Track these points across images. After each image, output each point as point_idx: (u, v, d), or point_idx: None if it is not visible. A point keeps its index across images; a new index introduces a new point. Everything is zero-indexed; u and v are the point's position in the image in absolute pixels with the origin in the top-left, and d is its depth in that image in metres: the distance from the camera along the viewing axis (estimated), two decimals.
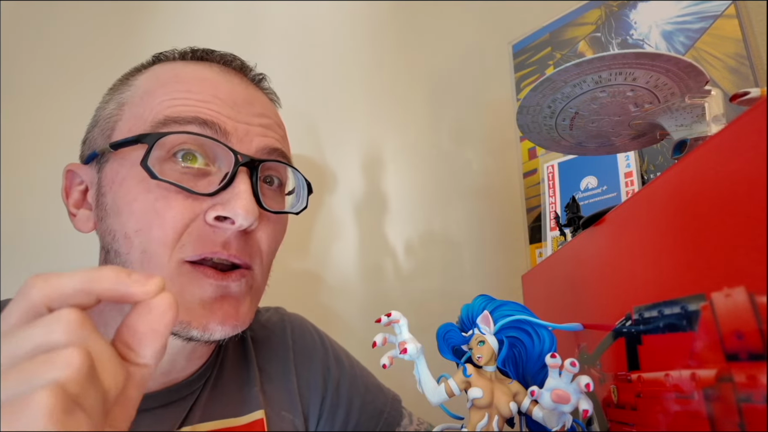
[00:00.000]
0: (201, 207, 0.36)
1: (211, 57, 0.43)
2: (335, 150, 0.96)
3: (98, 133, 0.40)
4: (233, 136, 0.38)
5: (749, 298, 0.19)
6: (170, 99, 0.37)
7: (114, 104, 0.40)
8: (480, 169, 1.06)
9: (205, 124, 0.36)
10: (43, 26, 0.80)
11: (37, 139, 0.75)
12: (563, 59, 0.90)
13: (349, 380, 0.54)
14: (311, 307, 0.85)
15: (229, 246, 0.36)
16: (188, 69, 0.41)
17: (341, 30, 1.02)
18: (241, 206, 0.35)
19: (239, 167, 0.36)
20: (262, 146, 0.39)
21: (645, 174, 0.72)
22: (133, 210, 0.36)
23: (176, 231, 0.35)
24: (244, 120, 0.39)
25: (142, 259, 0.35)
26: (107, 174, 0.38)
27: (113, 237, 0.37)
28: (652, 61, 0.32)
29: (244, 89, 0.41)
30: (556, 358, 0.28)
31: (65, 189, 0.42)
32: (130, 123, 0.38)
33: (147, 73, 0.41)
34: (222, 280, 0.36)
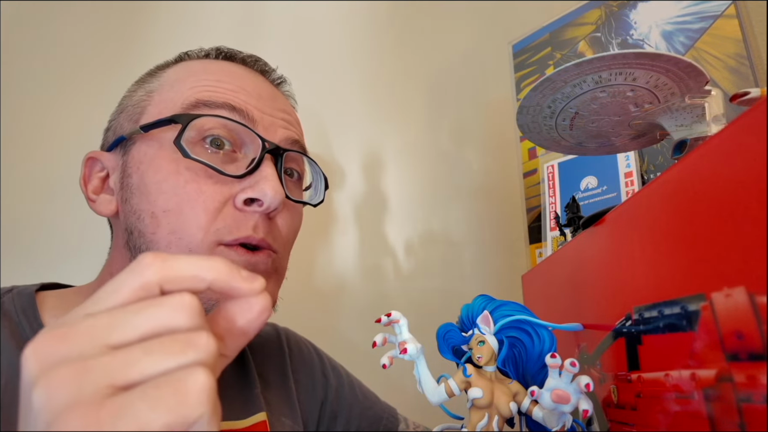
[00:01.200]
0: (230, 191, 0.37)
1: (236, 57, 0.44)
2: (335, 150, 0.96)
3: (125, 118, 0.41)
4: (260, 125, 0.39)
5: (749, 298, 0.19)
6: (201, 85, 0.39)
7: (142, 92, 0.41)
8: (480, 169, 1.06)
9: (234, 110, 0.38)
10: (43, 26, 0.79)
11: (37, 139, 0.75)
12: (563, 59, 0.90)
13: (348, 388, 0.54)
14: (311, 308, 0.85)
15: (258, 229, 0.37)
16: (215, 64, 0.42)
17: (341, 30, 1.02)
18: (270, 187, 0.36)
19: (266, 153, 0.38)
20: (285, 137, 0.41)
21: (645, 174, 0.72)
22: (163, 190, 0.36)
23: (209, 214, 0.36)
24: (269, 112, 0.40)
25: (169, 239, 0.36)
26: (134, 156, 0.38)
27: (138, 217, 0.37)
28: (652, 61, 0.32)
29: (268, 87, 0.43)
30: (556, 358, 0.28)
31: (84, 177, 0.42)
32: (160, 107, 0.39)
33: (175, 67, 0.43)
34: (251, 258, 0.37)
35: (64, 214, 0.72)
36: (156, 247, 0.36)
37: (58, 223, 0.72)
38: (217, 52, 0.44)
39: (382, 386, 0.60)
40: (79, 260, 0.71)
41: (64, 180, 0.72)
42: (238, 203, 0.37)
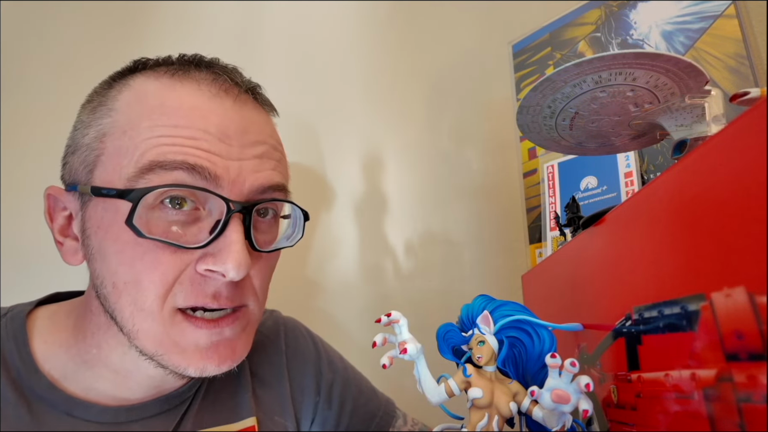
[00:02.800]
0: (191, 257, 0.35)
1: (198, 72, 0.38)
2: (335, 150, 0.96)
3: (79, 162, 0.37)
4: (224, 180, 0.35)
5: (749, 298, 0.19)
6: (156, 137, 0.34)
7: (94, 132, 0.37)
8: (480, 169, 1.06)
9: (193, 170, 0.34)
10: (43, 26, 0.79)
11: (37, 140, 0.75)
12: (563, 59, 0.90)
13: (342, 383, 0.54)
14: (311, 308, 0.85)
15: (220, 297, 0.35)
16: (175, 93, 0.36)
17: (341, 30, 1.02)
18: (232, 260, 0.33)
19: (231, 215, 0.34)
20: (256, 186, 0.37)
21: (645, 174, 0.72)
22: (121, 261, 0.34)
23: (167, 284, 0.34)
24: (236, 156, 0.36)
25: (131, 310, 0.35)
26: (91, 216, 0.36)
27: (101, 282, 0.36)
28: (652, 61, 0.32)
29: (237, 113, 0.37)
30: (556, 358, 0.28)
31: (48, 211, 0.39)
32: (114, 161, 0.35)
33: (128, 93, 0.37)
34: (215, 328, 0.36)
35: None
36: (121, 315, 0.35)
37: None
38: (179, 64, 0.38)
39: (382, 386, 0.60)
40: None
41: None
42: (199, 270, 0.35)
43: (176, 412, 0.41)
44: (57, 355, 0.38)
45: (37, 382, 0.37)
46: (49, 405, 0.36)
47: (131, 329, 0.35)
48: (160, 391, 0.41)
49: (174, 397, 0.42)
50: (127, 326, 0.35)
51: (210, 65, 0.39)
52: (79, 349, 0.39)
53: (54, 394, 0.37)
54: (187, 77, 0.38)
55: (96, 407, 0.38)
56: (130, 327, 0.35)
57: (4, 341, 0.38)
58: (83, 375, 0.38)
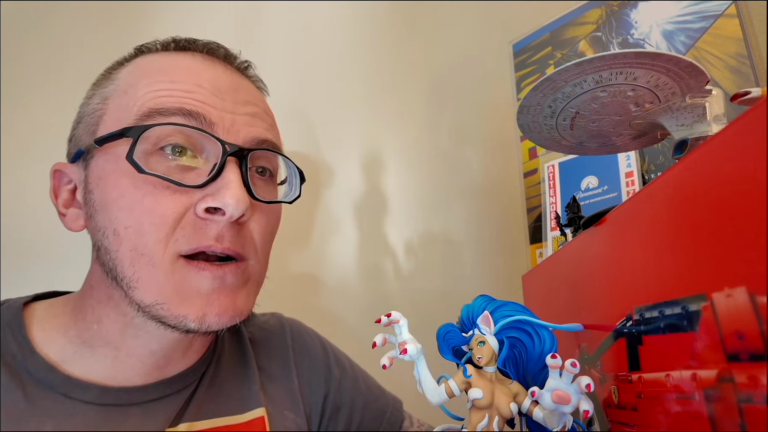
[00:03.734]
0: (191, 200, 0.35)
1: (194, 46, 0.41)
2: (335, 150, 0.96)
3: (83, 129, 0.39)
4: (219, 127, 0.37)
5: (750, 299, 0.19)
6: (153, 90, 0.36)
7: (98, 99, 0.39)
8: (480, 169, 1.06)
9: (190, 115, 0.36)
10: (43, 26, 0.79)
11: (37, 139, 0.75)
12: (564, 59, 0.90)
13: (351, 380, 0.54)
14: (310, 308, 0.85)
15: (222, 239, 0.36)
16: (171, 59, 0.40)
17: (341, 30, 1.02)
18: (230, 195, 0.34)
19: (227, 157, 0.36)
20: (250, 137, 0.38)
21: (646, 174, 0.72)
22: (122, 206, 0.35)
23: (168, 226, 0.35)
24: (229, 109, 0.38)
25: (132, 255, 0.35)
26: (93, 170, 0.37)
27: (102, 234, 0.36)
28: (652, 60, 0.32)
29: (229, 77, 0.40)
30: (557, 358, 0.28)
31: (53, 189, 0.41)
32: (115, 116, 0.37)
33: (129, 66, 0.40)
34: (217, 271, 0.36)
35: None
36: (121, 264, 0.35)
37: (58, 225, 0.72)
38: (175, 42, 0.42)
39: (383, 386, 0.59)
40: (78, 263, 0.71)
41: None
42: (199, 212, 0.35)
43: (179, 397, 0.40)
44: (55, 339, 0.38)
45: (34, 364, 0.36)
46: (46, 387, 0.36)
47: (131, 278, 0.35)
48: (162, 373, 0.40)
49: (176, 380, 0.41)
50: (128, 275, 0.35)
51: (205, 43, 0.42)
52: (78, 329, 0.38)
53: (51, 375, 0.36)
54: (183, 51, 0.41)
55: (95, 388, 0.37)
56: (130, 275, 0.35)
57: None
58: (82, 356, 0.38)
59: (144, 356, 0.39)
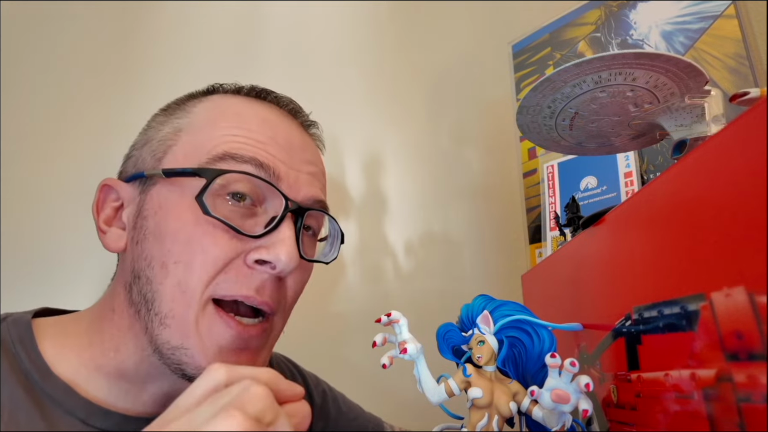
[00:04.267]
0: (244, 247, 0.36)
1: (270, 97, 0.43)
2: (335, 150, 0.96)
3: (147, 153, 0.39)
4: (284, 182, 0.38)
5: (749, 298, 0.19)
6: (231, 135, 0.38)
7: (170, 128, 0.40)
8: (480, 169, 1.06)
9: (261, 167, 0.37)
10: (43, 26, 0.79)
11: (37, 140, 0.75)
12: (563, 59, 0.90)
13: (332, 404, 0.55)
14: (310, 308, 0.85)
15: (263, 292, 0.36)
16: (249, 106, 0.41)
17: (341, 30, 1.02)
18: (285, 252, 0.35)
19: (288, 212, 0.37)
20: (309, 195, 0.40)
21: (645, 174, 0.72)
22: (179, 239, 0.35)
23: (216, 268, 0.35)
24: (295, 166, 0.39)
25: (173, 292, 0.35)
26: (153, 197, 0.37)
27: (149, 263, 0.36)
28: (651, 61, 0.32)
29: (299, 134, 0.42)
30: (556, 357, 0.28)
31: (97, 204, 0.40)
32: (186, 149, 0.38)
33: (207, 103, 0.41)
34: (243, 333, 0.36)
35: (62, 217, 0.72)
36: (160, 297, 0.35)
37: (58, 226, 0.72)
38: (251, 89, 0.43)
39: (382, 386, 0.60)
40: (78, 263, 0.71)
41: (63, 182, 0.72)
42: (248, 261, 0.36)
43: None
44: (68, 359, 0.37)
45: (52, 386, 0.35)
46: (65, 411, 0.35)
47: (167, 314, 0.35)
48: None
49: None
50: (164, 311, 0.35)
51: (280, 97, 0.44)
52: (93, 353, 0.37)
53: (70, 398, 0.35)
54: (261, 100, 0.43)
55: (116, 416, 0.36)
56: (166, 311, 0.35)
57: (9, 345, 0.36)
58: (96, 383, 0.37)
59: (157, 396, 0.38)
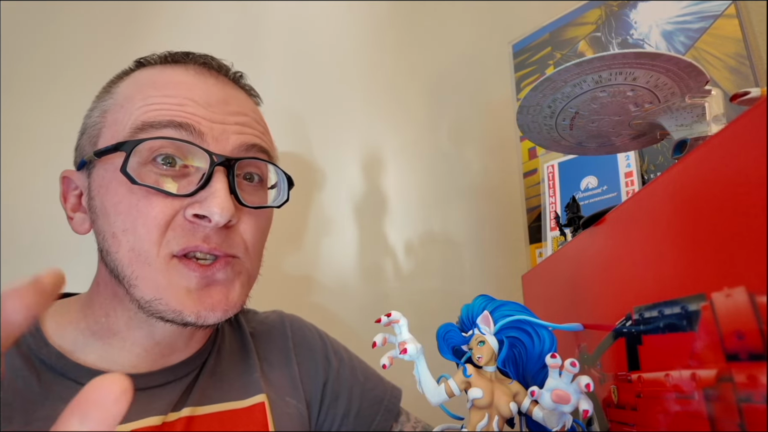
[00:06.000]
0: (181, 204, 0.38)
1: (188, 60, 0.44)
2: (335, 150, 0.96)
3: (86, 140, 0.43)
4: (208, 136, 0.39)
5: (749, 298, 0.19)
6: (147, 105, 0.39)
7: (98, 112, 0.42)
8: (480, 169, 1.06)
9: (180, 127, 0.38)
10: (43, 26, 0.79)
11: (37, 140, 0.75)
12: (563, 59, 0.90)
13: (349, 370, 0.56)
14: (311, 308, 0.85)
15: (210, 240, 0.38)
16: (165, 74, 0.42)
17: (341, 30, 1.02)
18: (216, 204, 0.37)
19: (215, 167, 0.38)
20: (238, 144, 0.41)
21: (645, 174, 0.72)
22: (119, 211, 0.38)
23: (160, 227, 0.37)
24: (219, 119, 0.41)
25: (130, 256, 0.38)
26: (95, 179, 0.40)
27: (104, 237, 0.39)
28: (652, 60, 0.32)
29: (221, 89, 0.43)
30: (557, 358, 0.28)
31: (62, 194, 0.44)
32: (112, 129, 0.40)
33: (127, 80, 0.43)
34: (206, 271, 0.38)
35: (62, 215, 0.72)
36: (121, 264, 0.38)
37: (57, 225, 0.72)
38: (170, 55, 0.44)
39: None
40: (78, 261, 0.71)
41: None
42: (188, 216, 0.38)
43: (181, 384, 0.43)
44: (67, 331, 0.41)
45: (48, 353, 0.39)
46: (59, 374, 0.38)
47: (130, 276, 0.38)
48: (166, 361, 0.43)
49: (178, 368, 0.43)
50: (127, 274, 0.38)
51: (198, 56, 0.45)
52: (88, 322, 0.41)
53: (63, 362, 0.39)
54: (176, 64, 0.44)
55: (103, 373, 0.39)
56: (129, 274, 0.38)
57: None
58: (92, 347, 0.41)
59: (148, 346, 0.41)
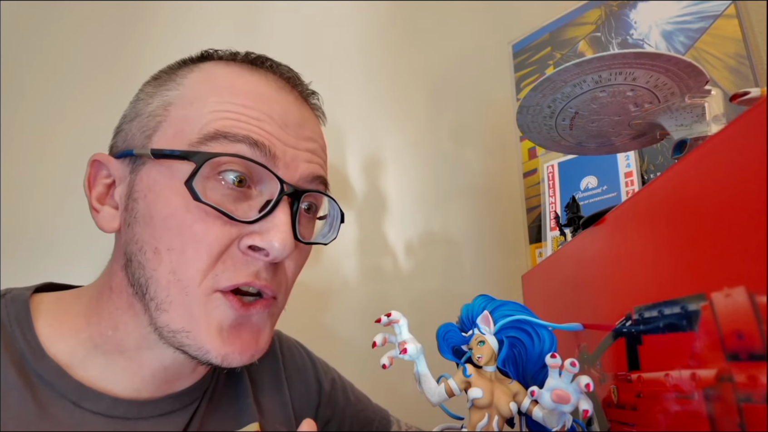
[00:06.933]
0: (238, 233, 0.35)
1: (270, 68, 0.41)
2: (335, 150, 0.96)
3: (137, 128, 0.37)
4: (281, 161, 0.36)
5: (749, 298, 0.19)
6: (223, 110, 0.35)
7: (159, 101, 0.38)
8: (480, 169, 1.06)
9: (256, 146, 0.35)
10: (43, 26, 0.79)
11: (37, 139, 0.75)
12: (563, 59, 0.90)
13: (340, 392, 0.54)
14: (310, 307, 0.85)
15: (260, 276, 0.35)
16: (244, 79, 0.38)
17: (341, 30, 1.02)
18: (278, 239, 0.34)
19: (283, 196, 0.35)
20: (307, 173, 0.38)
21: (645, 174, 0.72)
22: (169, 226, 0.34)
23: (212, 256, 0.34)
24: (293, 144, 0.38)
25: (168, 279, 0.34)
26: (143, 179, 0.36)
27: (140, 248, 0.35)
28: (652, 60, 0.32)
29: (297, 109, 0.40)
30: (556, 358, 0.28)
31: (88, 179, 0.39)
32: (176, 127, 0.36)
33: (198, 72, 0.39)
34: (246, 311, 0.35)
35: (64, 214, 0.72)
36: (156, 284, 0.34)
37: (58, 224, 0.72)
38: (246, 55, 0.40)
39: (382, 386, 0.59)
40: (77, 260, 0.71)
41: (64, 179, 0.72)
42: (242, 247, 0.34)
43: (185, 413, 0.40)
44: (65, 339, 0.36)
45: (45, 367, 0.35)
46: (57, 393, 0.34)
47: (163, 300, 0.34)
48: (171, 387, 0.40)
49: (184, 395, 0.40)
50: (160, 296, 0.34)
51: (277, 65, 0.41)
52: (91, 333, 0.37)
53: (63, 380, 0.35)
54: (256, 69, 0.40)
55: (107, 399, 0.36)
56: (163, 297, 0.34)
57: (5, 323, 0.36)
58: (93, 362, 0.36)
59: (156, 370, 0.38)
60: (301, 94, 0.42)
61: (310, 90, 0.44)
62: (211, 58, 0.40)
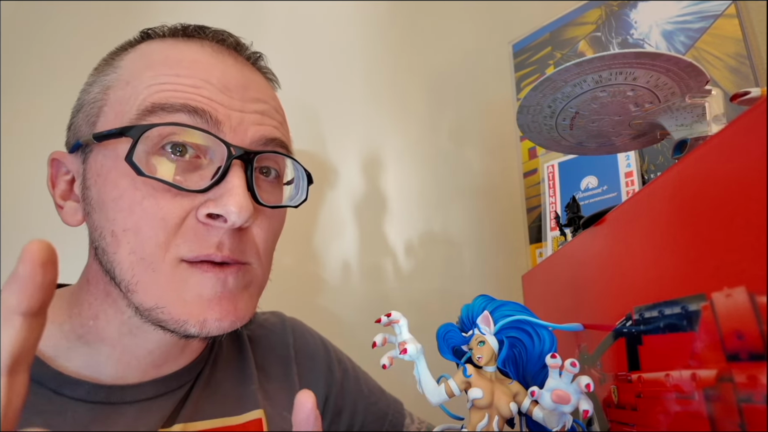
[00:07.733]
0: (192, 203, 0.34)
1: (203, 34, 0.39)
2: (335, 150, 0.96)
3: (82, 119, 0.37)
4: (226, 126, 0.35)
5: (749, 298, 0.19)
6: (158, 84, 0.34)
7: (98, 87, 0.37)
8: (480, 169, 1.06)
9: (195, 113, 0.34)
10: (43, 26, 0.80)
11: (37, 139, 0.75)
12: (563, 59, 0.90)
13: (353, 382, 0.53)
14: (310, 307, 0.85)
15: (223, 247, 0.34)
16: (178, 49, 0.37)
17: (341, 30, 1.02)
18: (234, 203, 0.33)
19: (232, 160, 0.34)
20: (257, 136, 0.37)
21: (645, 174, 0.72)
22: (120, 207, 0.33)
23: (168, 230, 0.33)
24: (237, 107, 0.36)
25: (131, 259, 0.33)
26: (92, 166, 0.35)
27: (100, 234, 0.35)
28: (652, 60, 0.32)
29: (239, 71, 0.38)
30: (557, 358, 0.28)
31: (50, 179, 0.39)
32: (116, 109, 0.35)
33: (133, 53, 0.38)
34: (220, 274, 0.34)
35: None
36: (120, 267, 0.34)
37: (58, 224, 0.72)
38: (183, 29, 0.39)
39: (382, 386, 0.59)
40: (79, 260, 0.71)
41: None
42: (200, 217, 0.34)
43: (174, 397, 0.39)
44: (49, 332, 0.36)
45: None
46: (36, 383, 0.33)
47: (130, 281, 0.34)
48: (158, 371, 0.39)
49: (172, 379, 0.40)
50: (126, 278, 0.34)
51: (214, 31, 0.40)
52: (74, 325, 0.37)
53: (42, 370, 0.35)
54: (191, 39, 0.39)
55: (86, 385, 0.35)
56: (129, 278, 0.34)
57: None
58: (77, 352, 0.36)
59: (141, 355, 0.38)
60: (243, 57, 0.40)
61: (255, 52, 0.42)
62: (149, 38, 0.40)
